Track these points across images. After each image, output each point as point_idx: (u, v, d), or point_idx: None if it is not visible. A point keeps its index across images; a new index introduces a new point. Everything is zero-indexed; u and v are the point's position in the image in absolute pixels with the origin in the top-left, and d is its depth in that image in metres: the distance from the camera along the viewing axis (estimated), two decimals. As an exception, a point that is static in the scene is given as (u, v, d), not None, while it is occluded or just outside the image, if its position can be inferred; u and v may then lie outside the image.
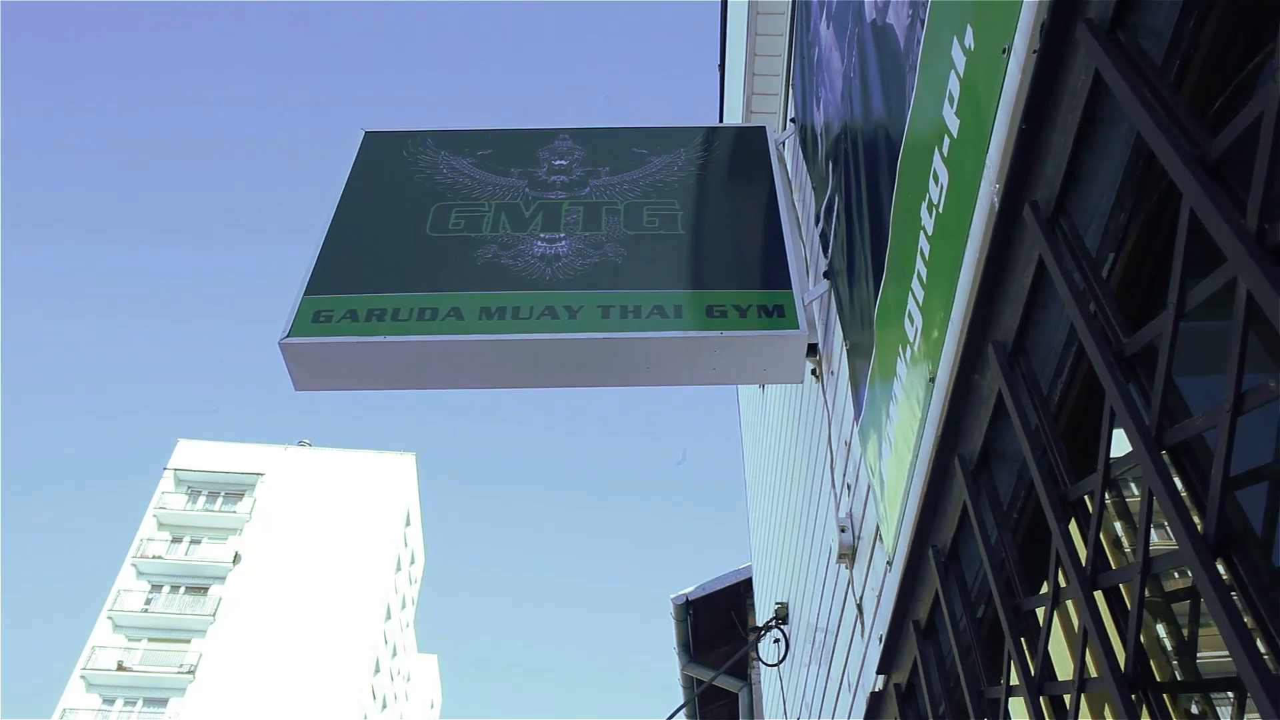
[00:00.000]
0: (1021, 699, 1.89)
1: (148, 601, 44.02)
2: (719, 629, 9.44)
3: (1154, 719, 1.45)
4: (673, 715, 7.10)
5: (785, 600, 5.15)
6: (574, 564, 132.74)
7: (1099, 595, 1.60)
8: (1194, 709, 1.48)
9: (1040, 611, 1.86)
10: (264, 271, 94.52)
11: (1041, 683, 1.83)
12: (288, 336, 3.98)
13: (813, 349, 4.10)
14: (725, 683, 9.29)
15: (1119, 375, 1.48)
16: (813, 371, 4.13)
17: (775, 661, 5.28)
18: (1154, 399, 1.38)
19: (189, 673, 41.71)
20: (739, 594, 9.31)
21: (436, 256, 4.44)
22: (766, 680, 6.67)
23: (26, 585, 78.65)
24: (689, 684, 9.89)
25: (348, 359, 4.04)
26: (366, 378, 4.10)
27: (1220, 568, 1.23)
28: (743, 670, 8.89)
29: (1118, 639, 1.54)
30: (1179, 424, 1.36)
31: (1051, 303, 1.80)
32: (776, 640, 5.43)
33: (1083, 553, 1.63)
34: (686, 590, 9.31)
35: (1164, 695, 1.47)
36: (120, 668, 41.57)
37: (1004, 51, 1.72)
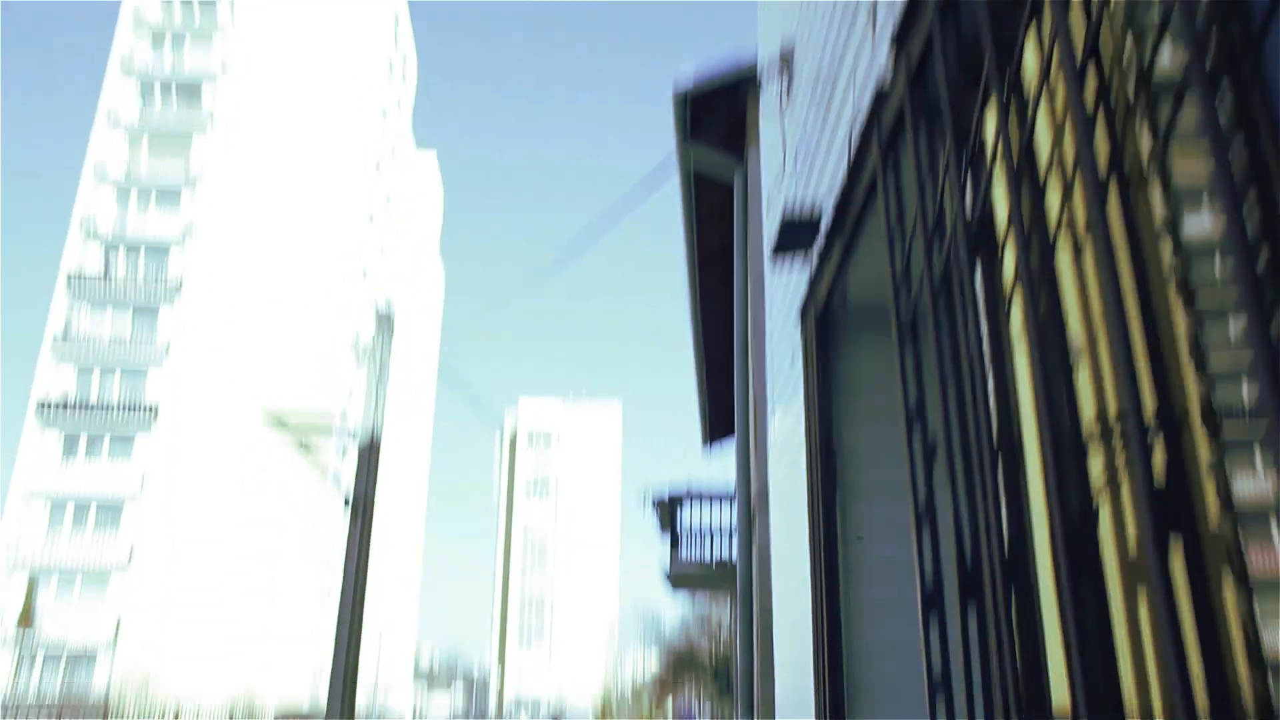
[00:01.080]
0: None
1: (141, 111, 43.90)
2: (719, 122, 9.39)
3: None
4: (653, 191, 7.25)
5: (790, 48, 5.00)
6: (571, 67, 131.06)
7: None
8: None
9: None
10: None
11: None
12: None
13: None
14: (720, 166, 9.45)
15: None
16: None
17: (780, 104, 5.28)
18: None
19: (192, 181, 42.79)
20: (740, 87, 9.13)
21: None
22: (765, 148, 6.75)
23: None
24: (686, 174, 10.05)
25: None
26: None
27: None
28: (739, 147, 8.99)
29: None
30: None
31: None
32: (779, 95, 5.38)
33: None
34: (688, 75, 9.11)
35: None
36: (128, 174, 42.58)
37: None
